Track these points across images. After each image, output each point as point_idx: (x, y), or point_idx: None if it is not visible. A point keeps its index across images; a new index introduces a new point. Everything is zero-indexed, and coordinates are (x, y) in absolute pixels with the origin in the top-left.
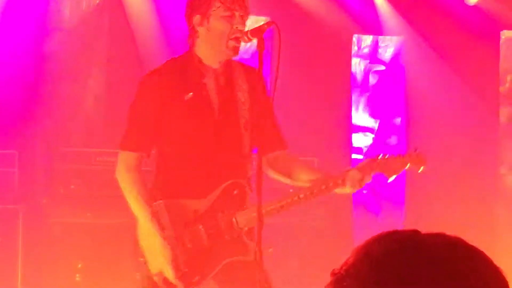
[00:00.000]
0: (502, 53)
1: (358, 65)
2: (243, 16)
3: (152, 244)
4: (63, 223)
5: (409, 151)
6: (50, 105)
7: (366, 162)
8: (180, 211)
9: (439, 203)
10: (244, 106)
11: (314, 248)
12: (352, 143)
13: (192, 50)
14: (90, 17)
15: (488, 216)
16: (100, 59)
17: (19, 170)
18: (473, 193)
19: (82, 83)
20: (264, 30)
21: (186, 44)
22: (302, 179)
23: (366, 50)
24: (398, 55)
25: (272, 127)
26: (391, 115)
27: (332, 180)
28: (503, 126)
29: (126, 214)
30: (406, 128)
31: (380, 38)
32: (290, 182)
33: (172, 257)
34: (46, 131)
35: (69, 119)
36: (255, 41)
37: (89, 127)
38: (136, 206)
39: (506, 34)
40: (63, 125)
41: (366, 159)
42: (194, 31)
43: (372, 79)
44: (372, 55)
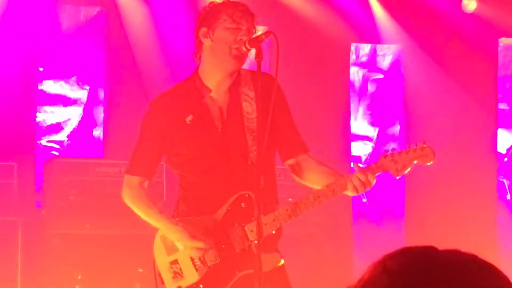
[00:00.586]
0: (500, 60)
1: (356, 73)
2: (249, 30)
3: (182, 238)
4: (62, 235)
5: (416, 146)
6: (48, 117)
7: (373, 163)
8: (194, 229)
9: (439, 211)
10: (251, 116)
11: (314, 257)
12: (351, 152)
13: (197, 71)
14: (88, 27)
15: (488, 224)
16: (98, 69)
17: (18, 181)
18: (473, 201)
19: (80, 94)
20: (262, 40)
21: (184, 55)
22: (320, 183)
23: (364, 59)
24: (396, 63)
25: (291, 131)
26: (390, 123)
27: (336, 185)
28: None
29: (125, 225)
30: (405, 136)
31: (378, 46)
32: (313, 186)
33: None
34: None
35: (67, 130)
36: (253, 51)
37: (87, 138)
38: (148, 216)
39: (504, 41)
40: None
41: (374, 162)
42: (200, 43)
43: (371, 88)
44: (370, 64)
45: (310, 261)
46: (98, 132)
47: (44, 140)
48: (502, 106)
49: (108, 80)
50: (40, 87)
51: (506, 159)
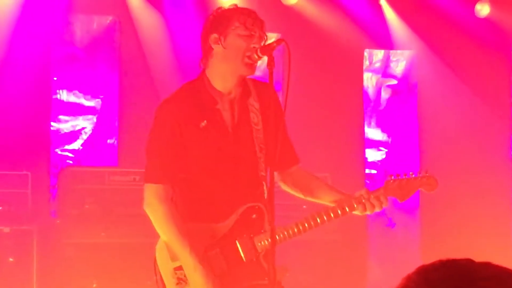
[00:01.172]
0: None
1: (370, 79)
2: (260, 38)
3: (195, 278)
4: (77, 244)
5: (420, 174)
6: (63, 126)
7: (381, 187)
8: (199, 236)
9: (454, 215)
10: (258, 127)
11: (330, 261)
12: (365, 158)
13: (204, 73)
14: (101, 36)
15: (503, 227)
16: (111, 79)
17: (32, 190)
18: (488, 204)
19: (94, 103)
20: (274, 48)
21: (197, 63)
22: (316, 195)
23: (378, 65)
24: (409, 69)
25: (286, 143)
26: (404, 128)
27: (347, 204)
28: None
29: (140, 233)
30: (419, 141)
31: (391, 52)
32: (304, 197)
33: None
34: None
35: (81, 139)
36: (265, 58)
37: (102, 146)
38: (175, 240)
39: None
40: (76, 145)
41: (381, 187)
42: (209, 50)
43: (384, 94)
44: (384, 70)
45: (326, 264)
46: (112, 141)
47: (58, 149)
48: None
49: (122, 89)
50: (54, 97)
51: None
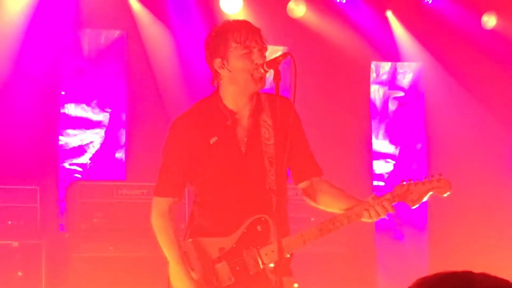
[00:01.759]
0: None
1: (377, 91)
2: (261, 50)
3: (182, 286)
4: (86, 258)
5: (432, 177)
6: (71, 140)
7: (389, 193)
8: (207, 249)
9: (462, 227)
10: (269, 142)
11: (338, 273)
12: (373, 170)
13: (217, 91)
14: (109, 50)
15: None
16: (119, 92)
17: (41, 205)
18: (496, 217)
19: (102, 117)
20: (280, 62)
21: (204, 76)
22: (333, 207)
23: (385, 77)
24: (416, 81)
25: (305, 154)
26: (412, 141)
27: (353, 213)
28: None
29: (149, 247)
30: (427, 153)
31: (398, 64)
32: (326, 209)
33: None
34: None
35: (89, 153)
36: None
37: (110, 160)
38: (166, 250)
39: None
40: (84, 159)
41: (389, 192)
42: (217, 74)
43: (392, 106)
44: (391, 82)
45: (334, 277)
46: (120, 155)
47: (67, 163)
48: None
49: (130, 103)
50: (62, 111)
51: None
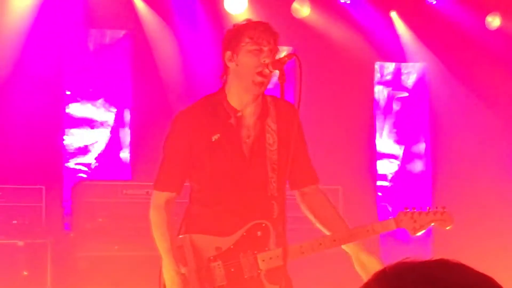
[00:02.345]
0: None
1: (381, 92)
2: (271, 51)
3: (170, 278)
4: (91, 257)
5: (436, 209)
6: (76, 139)
7: (392, 218)
8: (203, 247)
9: (466, 230)
10: (272, 147)
11: (341, 275)
12: (377, 170)
13: (223, 88)
14: (114, 50)
15: None
16: (124, 92)
17: (46, 204)
18: (501, 220)
19: (107, 116)
20: (285, 62)
21: (208, 76)
22: (323, 223)
23: (389, 77)
24: (420, 81)
25: (304, 161)
26: (416, 141)
27: (356, 231)
28: None
29: (154, 246)
30: (431, 154)
31: (402, 65)
32: (314, 222)
33: None
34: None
35: (94, 152)
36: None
37: (115, 160)
38: (157, 242)
39: None
40: (89, 158)
41: (392, 217)
42: (226, 67)
43: (396, 106)
44: (395, 82)
45: (336, 279)
46: (125, 154)
47: (72, 163)
48: None
49: (135, 102)
50: (67, 110)
51: None
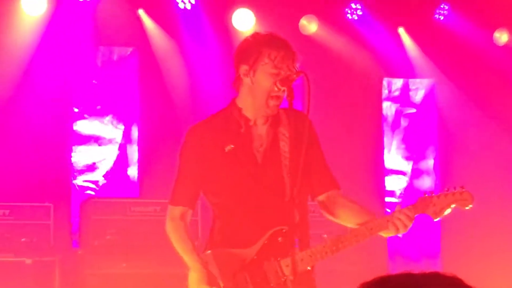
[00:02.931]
0: None
1: (389, 108)
2: (288, 77)
3: (198, 276)
4: (99, 274)
5: (455, 190)
6: (83, 157)
7: (412, 204)
8: (227, 261)
9: (476, 249)
10: (286, 155)
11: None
12: (385, 186)
13: (234, 101)
14: (121, 67)
15: None
16: (132, 109)
17: (54, 222)
18: (508, 236)
19: (115, 133)
20: (293, 80)
21: (215, 92)
22: (351, 221)
23: (397, 93)
24: (428, 97)
25: (323, 168)
26: (424, 157)
27: (375, 224)
28: None
29: (161, 264)
30: (439, 170)
31: (410, 81)
32: (343, 223)
33: None
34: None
35: (102, 169)
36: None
37: (123, 177)
38: (184, 255)
39: None
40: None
41: (412, 204)
42: (240, 79)
43: (404, 122)
44: (403, 98)
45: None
46: (133, 172)
47: (79, 180)
48: None
49: (142, 119)
50: (75, 128)
51: None
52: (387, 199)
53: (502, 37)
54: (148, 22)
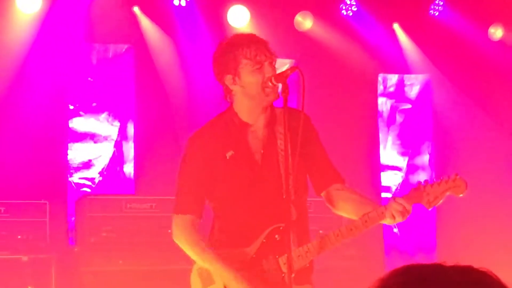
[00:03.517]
0: None
1: (384, 104)
2: (271, 63)
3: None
4: (95, 271)
5: (448, 177)
6: (79, 154)
7: (405, 194)
8: (229, 261)
9: (471, 242)
10: (283, 153)
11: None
12: (381, 182)
13: (232, 107)
14: (117, 64)
15: None
16: (127, 107)
17: (50, 219)
18: (507, 232)
19: (111, 131)
20: (288, 76)
21: (211, 89)
22: (355, 214)
23: (392, 89)
24: (423, 93)
25: (324, 162)
26: (419, 153)
27: (369, 217)
28: None
29: (158, 261)
30: (435, 165)
31: (405, 76)
32: (348, 217)
33: None
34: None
35: (98, 167)
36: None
37: (118, 174)
38: (206, 262)
39: None
40: (93, 173)
41: (405, 194)
42: (229, 90)
43: (399, 118)
44: (398, 94)
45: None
46: (128, 169)
47: (75, 177)
48: None
49: (138, 116)
50: (71, 125)
51: None
52: (383, 195)
53: (497, 32)
54: (143, 19)
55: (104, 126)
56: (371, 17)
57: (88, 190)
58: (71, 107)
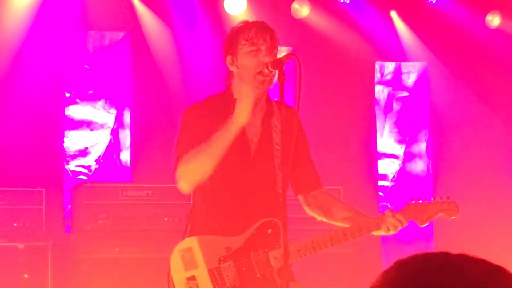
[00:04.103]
0: None
1: (381, 92)
2: (269, 49)
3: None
4: (91, 259)
5: (441, 199)
6: (75, 142)
7: (401, 210)
8: (213, 248)
9: (468, 231)
10: (278, 147)
11: (343, 275)
12: (378, 170)
13: (229, 89)
14: (113, 52)
15: None
16: (124, 94)
17: (47, 207)
18: (503, 220)
19: (107, 118)
20: (284, 62)
21: (208, 77)
22: (337, 218)
23: (389, 77)
24: (421, 81)
25: (309, 167)
26: (416, 140)
27: (367, 225)
28: None
29: (154, 248)
30: (432, 153)
31: (402, 64)
32: (326, 220)
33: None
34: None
35: (94, 154)
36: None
37: (115, 162)
38: (223, 133)
39: None
40: (89, 161)
41: (400, 209)
42: (229, 71)
43: (396, 106)
44: (395, 82)
45: (338, 279)
46: (125, 156)
47: (72, 165)
48: None
49: (135, 104)
50: (67, 113)
51: None
52: (380, 183)
53: (494, 20)
54: (139, 6)
55: (100, 113)
56: (368, 4)
57: (84, 177)
58: (68, 95)
